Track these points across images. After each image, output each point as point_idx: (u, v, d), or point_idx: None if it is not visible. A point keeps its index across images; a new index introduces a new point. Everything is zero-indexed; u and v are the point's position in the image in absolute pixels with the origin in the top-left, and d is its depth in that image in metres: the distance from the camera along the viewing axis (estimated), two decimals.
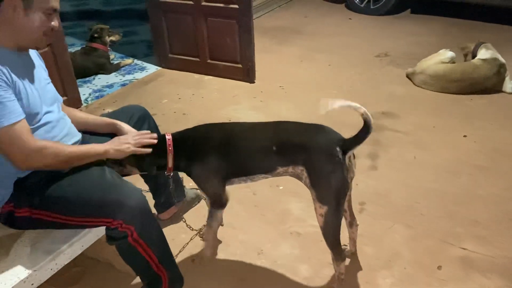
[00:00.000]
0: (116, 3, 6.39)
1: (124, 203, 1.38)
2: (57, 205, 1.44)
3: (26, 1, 1.34)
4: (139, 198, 1.43)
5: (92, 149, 1.49)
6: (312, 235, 2.04)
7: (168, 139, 1.63)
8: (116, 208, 1.38)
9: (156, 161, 1.64)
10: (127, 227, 1.40)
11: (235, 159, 1.61)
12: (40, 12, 1.38)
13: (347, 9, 5.74)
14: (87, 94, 3.66)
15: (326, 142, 1.51)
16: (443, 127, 2.99)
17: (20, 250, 1.46)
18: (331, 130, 1.58)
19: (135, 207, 1.40)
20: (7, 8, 1.34)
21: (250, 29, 3.55)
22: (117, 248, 1.50)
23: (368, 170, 2.56)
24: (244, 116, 3.21)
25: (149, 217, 1.48)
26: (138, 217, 1.42)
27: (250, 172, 1.63)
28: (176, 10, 3.78)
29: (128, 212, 1.39)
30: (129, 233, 1.41)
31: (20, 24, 1.37)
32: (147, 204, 1.47)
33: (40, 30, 1.41)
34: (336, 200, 1.52)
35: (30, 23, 1.37)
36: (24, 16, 1.36)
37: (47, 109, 1.49)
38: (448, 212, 2.21)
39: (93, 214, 1.42)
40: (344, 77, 3.81)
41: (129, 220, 1.39)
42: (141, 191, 1.48)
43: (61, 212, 1.44)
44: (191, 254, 1.98)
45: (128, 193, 1.41)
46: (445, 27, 4.97)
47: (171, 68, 4.08)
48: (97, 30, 4.05)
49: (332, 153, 1.47)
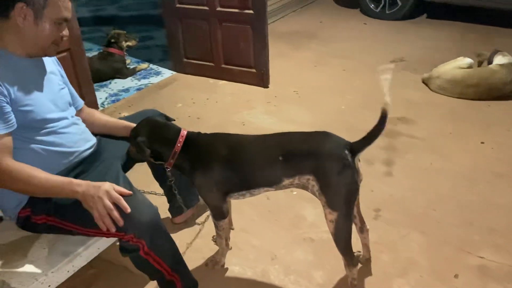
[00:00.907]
0: (132, 9, 6.48)
1: (135, 218, 1.38)
2: (71, 215, 1.45)
3: (36, 11, 1.34)
4: (150, 213, 1.43)
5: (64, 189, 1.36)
6: (326, 241, 2.03)
7: (181, 136, 1.60)
8: (127, 222, 1.37)
9: (157, 147, 1.59)
10: (138, 241, 1.41)
11: (239, 173, 1.59)
12: (50, 21, 1.38)
13: (362, 14, 5.72)
14: (103, 98, 3.71)
15: (334, 147, 1.51)
16: (460, 133, 2.95)
17: (38, 252, 1.47)
18: (336, 136, 1.58)
19: (146, 222, 1.40)
20: (17, 16, 1.34)
21: (264, 34, 3.57)
22: (130, 259, 1.51)
23: (384, 176, 2.54)
24: (258, 121, 3.21)
25: (160, 231, 1.48)
26: (149, 232, 1.42)
27: (254, 185, 1.61)
28: (191, 16, 3.82)
29: (139, 227, 1.39)
30: (140, 247, 1.42)
31: (29, 33, 1.37)
32: (158, 218, 1.47)
33: (50, 39, 1.41)
34: (347, 204, 1.52)
35: (40, 32, 1.37)
36: (34, 25, 1.36)
37: (59, 114, 1.51)
38: (465, 220, 2.17)
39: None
40: (359, 82, 3.79)
41: (140, 235, 1.40)
42: (153, 205, 1.47)
43: (75, 222, 1.46)
44: (204, 258, 1.98)
45: (140, 208, 1.41)
46: (462, 32, 4.91)
47: (186, 73, 4.12)
48: (114, 35, 4.11)
49: (341, 156, 1.47)
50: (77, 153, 1.56)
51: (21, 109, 1.37)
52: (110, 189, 1.35)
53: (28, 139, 1.42)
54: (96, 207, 1.33)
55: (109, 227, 1.34)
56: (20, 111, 1.37)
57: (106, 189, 1.35)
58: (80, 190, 1.35)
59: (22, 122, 1.38)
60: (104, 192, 1.34)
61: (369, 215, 2.14)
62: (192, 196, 2.13)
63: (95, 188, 1.34)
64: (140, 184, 2.32)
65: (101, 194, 1.33)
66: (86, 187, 1.35)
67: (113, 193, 1.35)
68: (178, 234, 2.13)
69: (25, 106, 1.38)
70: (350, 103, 3.39)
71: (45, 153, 1.46)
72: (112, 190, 1.35)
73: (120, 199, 1.35)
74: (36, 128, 1.42)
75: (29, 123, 1.40)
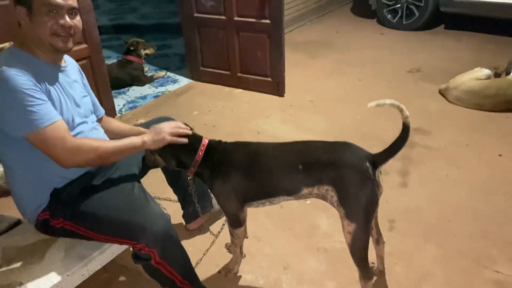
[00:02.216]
0: (151, 18, 6.60)
1: (147, 228, 1.41)
2: (87, 221, 1.49)
3: (27, 7, 1.37)
4: (162, 223, 1.45)
5: (130, 143, 1.50)
6: (339, 251, 2.02)
7: (203, 144, 1.62)
8: (140, 232, 1.41)
9: (180, 157, 1.62)
10: (150, 251, 1.43)
11: (259, 180, 1.60)
12: (41, 13, 1.37)
13: (378, 24, 5.72)
14: (121, 104, 3.78)
15: (355, 158, 1.50)
16: (477, 145, 2.91)
17: (55, 255, 1.51)
18: (358, 147, 1.56)
19: (158, 233, 1.43)
20: (20, 19, 1.39)
21: (281, 44, 3.59)
22: (142, 267, 1.53)
23: (399, 186, 2.51)
24: (273, 129, 3.22)
25: (172, 241, 1.50)
26: (161, 242, 1.44)
27: (273, 194, 1.61)
28: (209, 25, 3.87)
29: (151, 237, 1.42)
30: (152, 256, 1.45)
31: (31, 31, 1.40)
32: (170, 229, 1.49)
33: (46, 30, 1.38)
34: (366, 217, 1.50)
35: (36, 27, 1.38)
36: (30, 22, 1.38)
37: (80, 120, 1.55)
38: (482, 233, 2.14)
39: (118, 235, 1.46)
40: (375, 92, 3.77)
41: (152, 245, 1.43)
42: (166, 215, 1.49)
43: (90, 228, 1.49)
44: (217, 265, 1.99)
45: (152, 218, 1.44)
46: (480, 43, 4.86)
47: (202, 81, 4.17)
48: (133, 43, 4.19)
49: (362, 169, 1.46)
50: None
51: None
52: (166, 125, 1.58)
53: None
54: (165, 131, 1.55)
55: (185, 131, 1.60)
56: None
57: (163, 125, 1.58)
58: (146, 139, 1.52)
59: None
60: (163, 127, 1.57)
61: (383, 226, 2.12)
62: (206, 203, 2.14)
63: (155, 131, 1.56)
64: (154, 190, 2.36)
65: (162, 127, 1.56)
66: (147, 135, 1.54)
67: (170, 124, 1.60)
68: (191, 241, 2.14)
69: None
70: (365, 113, 3.38)
71: None
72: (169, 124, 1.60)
73: (177, 123, 1.62)
74: None
75: None
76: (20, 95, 1.31)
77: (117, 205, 1.49)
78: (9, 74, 1.31)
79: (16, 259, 1.49)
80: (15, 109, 1.32)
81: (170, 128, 1.56)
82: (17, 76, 1.31)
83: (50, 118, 1.35)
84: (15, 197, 1.56)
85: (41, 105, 1.34)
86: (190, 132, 1.62)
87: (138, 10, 7.15)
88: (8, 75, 1.31)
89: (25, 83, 1.32)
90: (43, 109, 1.34)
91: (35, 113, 1.32)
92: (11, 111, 1.33)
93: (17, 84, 1.31)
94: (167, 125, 1.57)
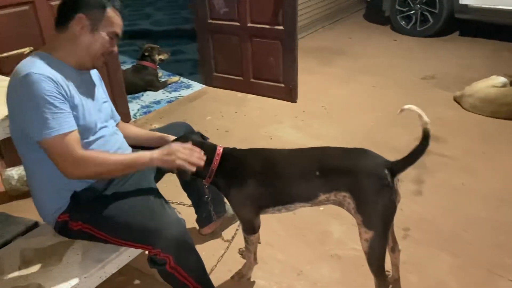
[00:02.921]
0: (165, 24, 6.66)
1: (162, 234, 1.42)
2: (104, 225, 1.51)
3: (94, 22, 1.45)
4: (178, 228, 1.46)
5: (138, 159, 1.48)
6: (353, 259, 2.01)
7: (217, 153, 1.62)
8: (155, 237, 1.42)
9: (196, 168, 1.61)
10: (165, 256, 1.44)
11: (275, 187, 1.60)
12: (104, 34, 1.48)
13: (392, 31, 5.70)
14: (135, 109, 3.82)
15: (373, 165, 1.49)
16: (493, 154, 2.87)
17: (72, 257, 1.53)
18: (376, 154, 1.56)
19: (173, 238, 1.44)
20: (75, 26, 1.45)
21: (294, 50, 3.60)
22: (158, 271, 1.54)
23: (413, 195, 2.50)
24: (286, 135, 3.23)
25: (187, 247, 1.51)
26: (176, 247, 1.45)
27: (289, 200, 1.61)
28: (222, 31, 3.90)
29: (166, 243, 1.43)
30: (167, 261, 1.45)
31: (84, 42, 1.47)
32: (185, 234, 1.49)
33: (101, 50, 1.50)
34: (383, 225, 1.50)
35: (94, 42, 1.47)
36: (90, 35, 1.46)
37: (101, 124, 1.58)
38: (497, 242, 2.11)
39: (134, 240, 1.48)
40: (388, 99, 3.76)
41: (166, 250, 1.44)
42: (181, 220, 1.50)
43: (107, 232, 1.51)
44: (230, 270, 2.00)
45: (168, 223, 1.45)
46: (495, 50, 4.82)
47: (215, 86, 4.19)
48: (148, 49, 4.24)
49: (380, 176, 1.45)
50: None
51: (74, 114, 1.45)
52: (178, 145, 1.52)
53: None
54: (177, 155, 1.46)
55: (198, 162, 1.50)
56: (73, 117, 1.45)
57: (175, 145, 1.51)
58: (154, 156, 1.47)
59: None
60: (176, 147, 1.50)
61: (398, 234, 2.10)
62: (219, 208, 2.15)
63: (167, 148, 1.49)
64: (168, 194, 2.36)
65: (174, 148, 1.49)
66: (157, 152, 1.48)
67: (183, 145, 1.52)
68: (204, 245, 2.15)
69: (77, 112, 1.46)
70: (379, 120, 3.37)
71: None
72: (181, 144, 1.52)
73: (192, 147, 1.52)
74: (83, 133, 1.49)
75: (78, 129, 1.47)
76: (41, 100, 1.34)
77: (133, 209, 1.51)
78: (35, 79, 1.34)
79: (34, 261, 1.52)
80: (33, 113, 1.35)
81: (183, 153, 1.49)
82: (42, 82, 1.35)
83: (64, 128, 1.37)
84: (36, 199, 1.59)
85: (58, 113, 1.37)
86: (202, 164, 1.53)
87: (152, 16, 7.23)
88: (34, 80, 1.34)
89: (49, 89, 1.35)
90: (59, 118, 1.36)
91: (51, 120, 1.35)
92: (30, 115, 1.36)
93: (40, 89, 1.34)
94: (181, 148, 1.50)
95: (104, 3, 1.47)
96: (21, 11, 2.54)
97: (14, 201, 2.50)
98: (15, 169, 2.50)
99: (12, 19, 2.49)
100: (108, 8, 1.47)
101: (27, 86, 1.34)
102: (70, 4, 1.46)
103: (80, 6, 1.44)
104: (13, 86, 1.39)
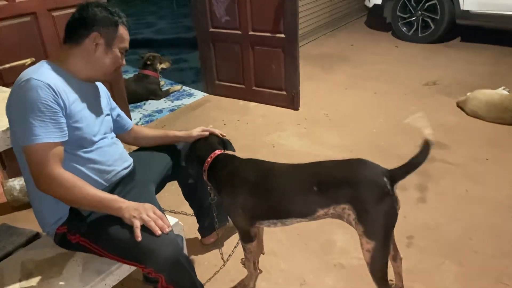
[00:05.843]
0: (167, 32, 6.70)
1: (155, 253, 1.38)
2: (99, 239, 1.49)
3: (108, 40, 1.50)
4: (172, 248, 1.41)
5: (109, 204, 1.41)
6: (357, 268, 1.99)
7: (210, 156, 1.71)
8: (147, 257, 1.38)
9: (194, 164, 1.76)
10: (157, 275, 1.41)
11: (269, 200, 1.59)
12: (117, 51, 1.53)
13: (394, 37, 5.70)
14: (138, 118, 3.82)
15: (372, 174, 1.47)
16: (497, 160, 2.85)
17: (73, 269, 1.51)
18: (373, 163, 1.54)
19: (166, 259, 1.39)
20: (90, 43, 1.48)
21: (295, 57, 3.61)
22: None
23: (417, 202, 2.47)
24: (288, 143, 3.22)
25: (179, 268, 1.45)
26: (168, 268, 1.40)
27: (285, 215, 1.59)
28: (224, 39, 3.91)
29: (158, 263, 1.38)
30: (160, 280, 1.42)
31: (98, 59, 1.51)
32: (179, 254, 1.44)
33: (115, 66, 1.56)
34: (385, 234, 1.48)
35: (107, 59, 1.52)
36: (104, 52, 1.51)
37: (101, 136, 1.58)
38: (504, 250, 2.08)
39: (127, 257, 1.45)
40: (390, 105, 3.75)
41: (158, 270, 1.40)
42: (176, 239, 1.45)
43: (101, 247, 1.49)
44: (232, 280, 1.98)
45: (162, 243, 1.39)
46: (497, 55, 4.81)
47: (217, 95, 4.20)
48: (150, 57, 4.26)
49: (380, 184, 1.44)
50: (115, 172, 1.61)
51: (73, 125, 1.45)
52: (153, 207, 1.44)
53: (72, 154, 1.48)
54: (140, 216, 1.39)
55: (155, 229, 1.38)
56: (71, 127, 1.45)
57: (150, 206, 1.44)
58: (123, 206, 1.41)
59: (70, 137, 1.45)
60: (149, 207, 1.43)
61: (402, 242, 2.09)
62: (221, 217, 2.14)
63: (138, 204, 1.43)
64: (170, 204, 2.37)
65: (146, 207, 1.42)
66: (130, 203, 1.43)
67: (156, 210, 1.43)
68: (206, 256, 2.13)
69: (76, 122, 1.46)
70: (381, 127, 3.36)
71: (85, 170, 1.51)
72: (155, 208, 1.44)
73: (163, 216, 1.43)
74: (81, 145, 1.49)
75: (76, 139, 1.47)
76: (33, 106, 1.34)
77: (128, 226, 1.44)
78: (33, 84, 1.35)
79: (35, 273, 1.50)
80: (23, 117, 1.35)
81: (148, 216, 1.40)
82: (39, 88, 1.35)
83: (49, 138, 1.36)
84: (36, 210, 1.58)
85: (47, 122, 1.35)
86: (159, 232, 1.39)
87: (154, 25, 7.27)
88: (32, 85, 1.35)
89: (44, 97, 1.35)
90: (47, 127, 1.35)
91: (37, 127, 1.34)
92: (20, 118, 1.36)
93: (35, 95, 1.34)
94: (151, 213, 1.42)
95: (116, 20, 1.50)
96: (23, 22, 2.55)
97: (16, 211, 2.51)
98: (17, 179, 2.50)
99: (14, 30, 2.51)
100: (120, 26, 1.52)
101: (24, 90, 1.35)
102: (84, 22, 1.48)
103: (94, 23, 1.47)
104: (13, 90, 1.41)
